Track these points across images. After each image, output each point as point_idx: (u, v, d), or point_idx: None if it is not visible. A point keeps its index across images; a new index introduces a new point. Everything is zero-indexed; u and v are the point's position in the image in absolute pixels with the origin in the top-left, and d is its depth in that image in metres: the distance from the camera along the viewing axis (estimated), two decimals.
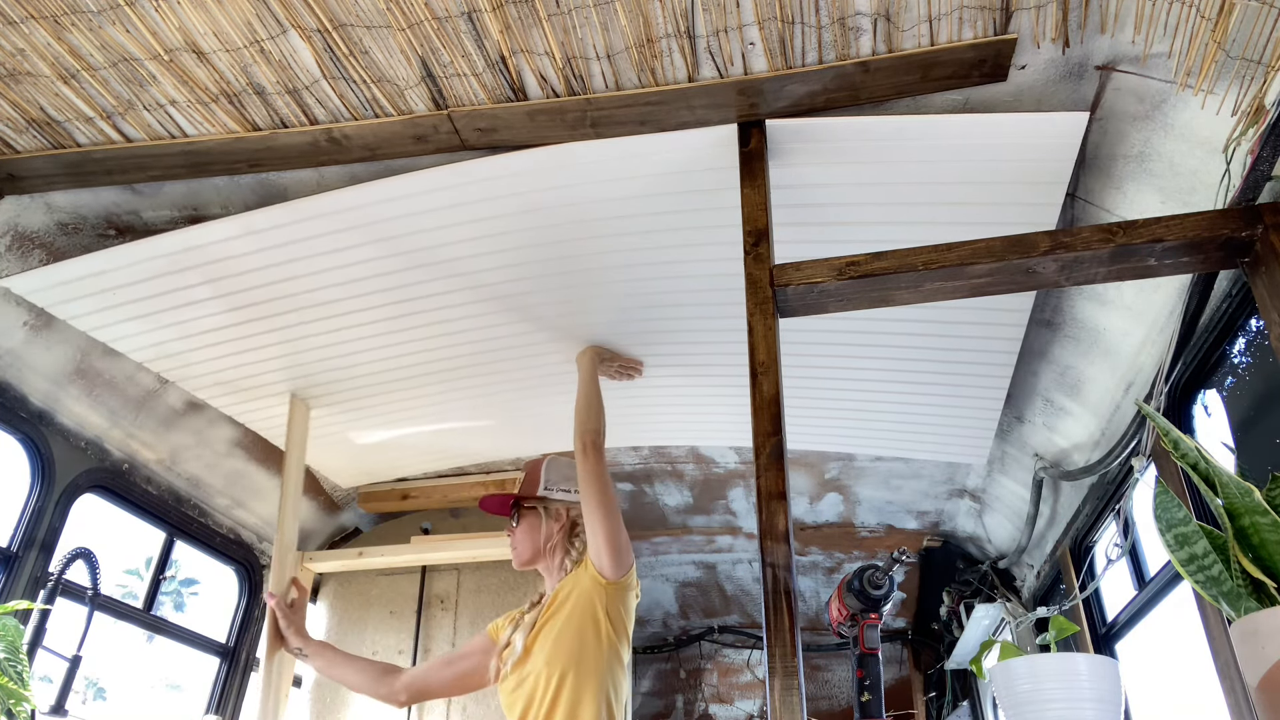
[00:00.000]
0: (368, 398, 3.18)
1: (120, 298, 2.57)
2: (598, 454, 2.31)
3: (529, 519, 2.35)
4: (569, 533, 2.33)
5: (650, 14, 1.88)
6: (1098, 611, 3.08)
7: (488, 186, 2.30)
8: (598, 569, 2.18)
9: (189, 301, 2.62)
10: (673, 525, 4.53)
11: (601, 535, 2.18)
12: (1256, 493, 1.40)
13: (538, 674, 2.12)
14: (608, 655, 2.15)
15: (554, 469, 2.41)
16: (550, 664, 2.10)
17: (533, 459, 2.48)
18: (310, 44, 1.97)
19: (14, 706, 1.98)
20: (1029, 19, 1.86)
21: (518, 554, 2.35)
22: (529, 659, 2.16)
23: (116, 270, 2.49)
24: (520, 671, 2.17)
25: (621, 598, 2.21)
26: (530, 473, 2.42)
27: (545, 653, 2.13)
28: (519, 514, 2.37)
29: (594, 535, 2.20)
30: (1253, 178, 1.68)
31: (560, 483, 2.38)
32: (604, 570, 2.17)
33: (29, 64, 2.05)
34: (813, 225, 2.35)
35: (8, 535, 2.67)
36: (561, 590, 2.22)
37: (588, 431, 2.35)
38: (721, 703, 5.70)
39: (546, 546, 2.32)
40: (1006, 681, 1.73)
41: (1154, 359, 2.32)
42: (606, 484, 2.25)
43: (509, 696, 2.18)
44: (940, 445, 3.34)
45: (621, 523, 2.22)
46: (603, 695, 2.11)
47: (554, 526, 2.33)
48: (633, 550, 2.26)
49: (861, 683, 2.23)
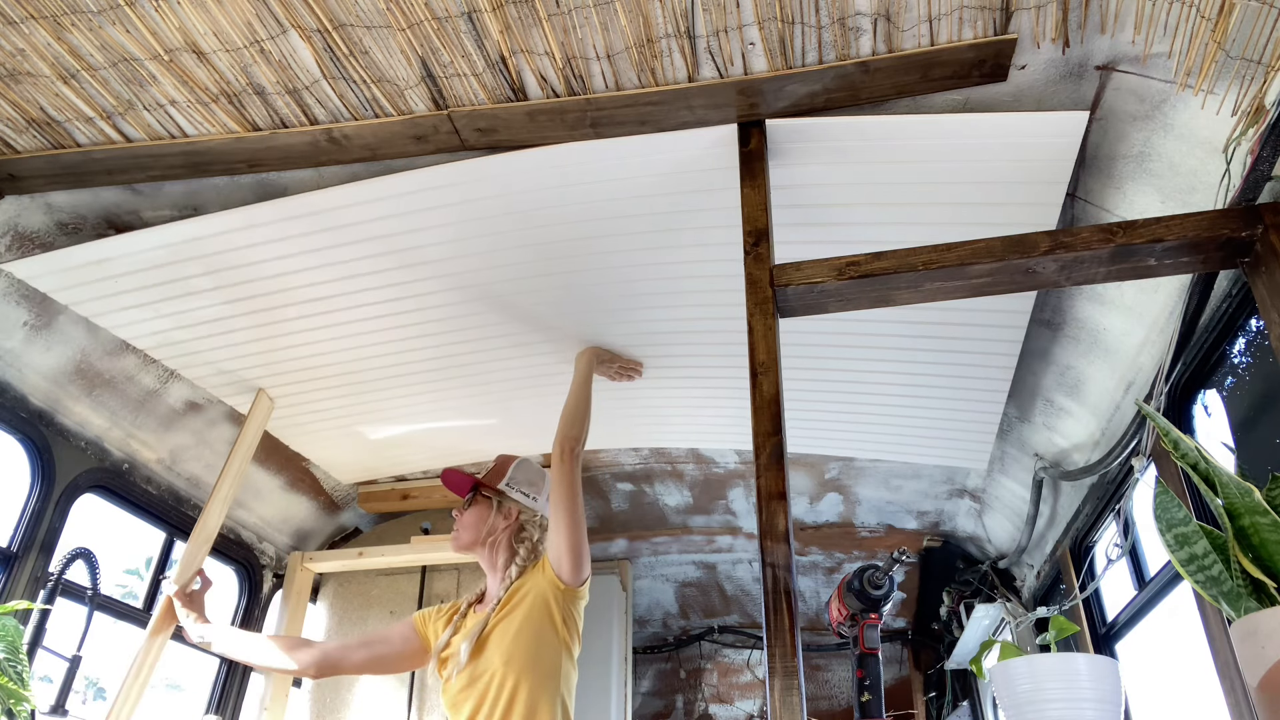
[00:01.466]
0: (367, 394, 3.18)
1: (122, 285, 2.58)
2: (573, 461, 2.33)
3: (481, 506, 2.38)
4: (513, 534, 2.35)
5: (650, 14, 1.88)
6: (1098, 611, 3.08)
7: (487, 186, 2.30)
8: (557, 572, 2.20)
9: (189, 292, 2.63)
10: (673, 525, 4.53)
11: (565, 541, 2.20)
12: (1256, 493, 1.40)
13: (493, 673, 2.11)
14: (563, 658, 2.17)
15: (522, 470, 2.44)
16: (508, 663, 2.10)
17: (507, 454, 2.50)
18: (310, 44, 1.97)
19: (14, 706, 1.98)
20: (1029, 19, 1.86)
21: (459, 536, 2.38)
22: (482, 656, 2.15)
23: (118, 258, 2.50)
24: (472, 669, 2.15)
25: (575, 603, 2.23)
26: (499, 464, 2.45)
27: (503, 651, 2.13)
28: (474, 498, 2.40)
29: (558, 540, 2.21)
30: (1253, 178, 1.68)
31: (523, 484, 2.41)
32: (563, 574, 2.20)
33: (29, 64, 2.05)
34: (813, 225, 2.35)
35: (8, 535, 2.67)
36: (519, 590, 2.22)
37: (568, 439, 2.38)
38: (721, 703, 5.70)
39: (487, 539, 2.35)
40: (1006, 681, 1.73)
41: (1154, 359, 2.32)
42: (576, 491, 2.28)
43: (457, 695, 2.16)
44: (941, 449, 3.34)
45: (585, 533, 2.25)
46: (559, 697, 2.13)
47: (500, 522, 2.36)
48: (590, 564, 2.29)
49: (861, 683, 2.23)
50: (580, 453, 2.38)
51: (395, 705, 3.76)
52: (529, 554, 2.32)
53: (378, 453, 3.64)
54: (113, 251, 2.48)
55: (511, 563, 2.31)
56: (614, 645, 4.34)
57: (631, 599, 4.79)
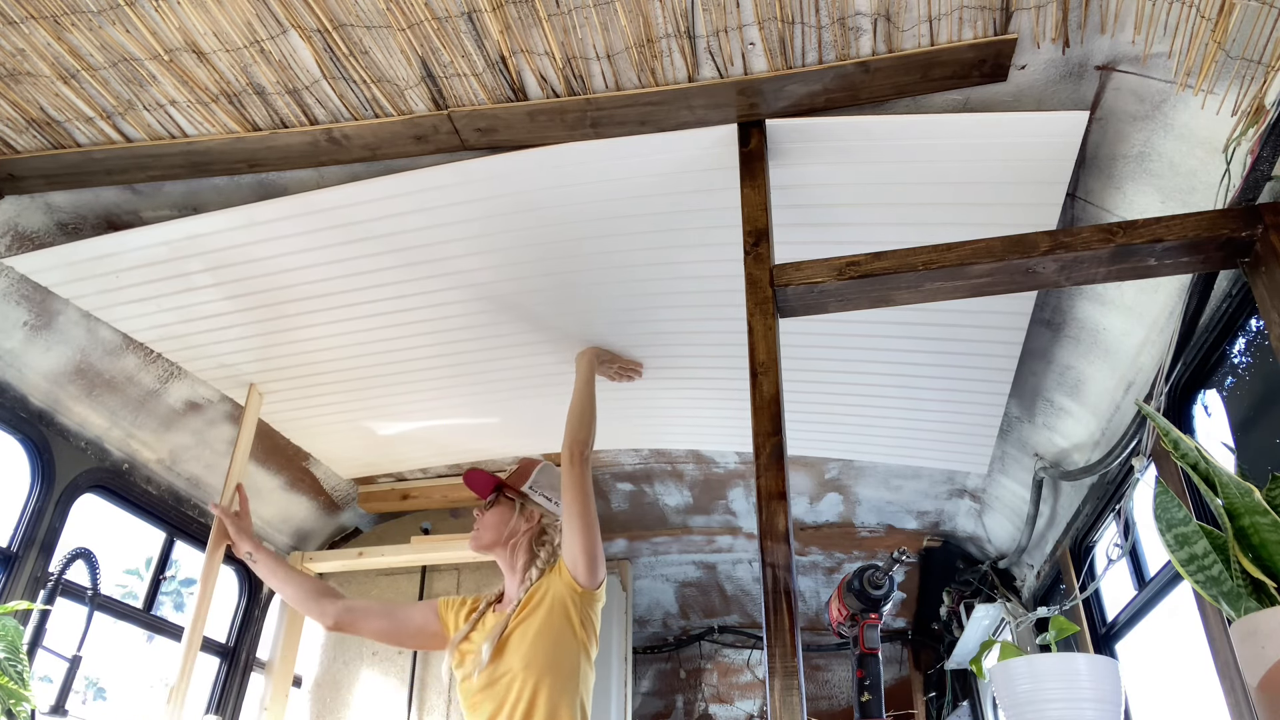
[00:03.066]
0: (368, 391, 3.19)
1: (124, 280, 2.59)
2: (583, 464, 2.33)
3: (503, 507, 2.39)
4: (534, 537, 2.36)
5: (650, 14, 1.88)
6: (1098, 611, 3.08)
7: (487, 186, 2.30)
8: (573, 575, 2.21)
9: (191, 288, 2.64)
10: (673, 525, 4.54)
11: (579, 544, 2.21)
12: (1256, 493, 1.39)
13: (513, 676, 2.12)
14: (581, 660, 2.17)
15: (545, 474, 2.45)
16: (528, 667, 2.11)
17: (530, 457, 2.50)
18: (310, 44, 1.97)
19: (14, 706, 1.98)
20: (1029, 19, 1.85)
21: (479, 536, 2.38)
22: (503, 659, 2.16)
23: (121, 254, 2.50)
24: (493, 671, 2.16)
25: (593, 605, 2.24)
26: (523, 467, 2.46)
27: (522, 654, 2.13)
28: (497, 499, 2.41)
29: (572, 543, 2.22)
30: (1253, 178, 1.68)
31: (545, 489, 2.42)
32: (579, 578, 2.20)
33: (29, 64, 2.05)
34: (813, 225, 2.35)
35: (8, 535, 2.67)
36: (536, 592, 2.23)
37: (576, 442, 2.38)
38: (721, 703, 5.70)
39: (508, 541, 2.35)
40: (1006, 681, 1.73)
41: (1154, 359, 2.32)
42: (588, 495, 2.28)
43: (476, 696, 2.17)
44: (941, 452, 3.34)
45: (599, 535, 2.25)
46: (578, 699, 2.14)
47: (522, 525, 2.36)
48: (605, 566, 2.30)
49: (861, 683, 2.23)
50: (589, 455, 2.38)
51: (395, 705, 3.76)
52: (549, 557, 2.32)
53: (377, 449, 3.64)
54: (115, 247, 2.49)
55: (532, 565, 2.31)
56: (614, 645, 4.34)
57: (631, 599, 4.79)
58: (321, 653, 3.95)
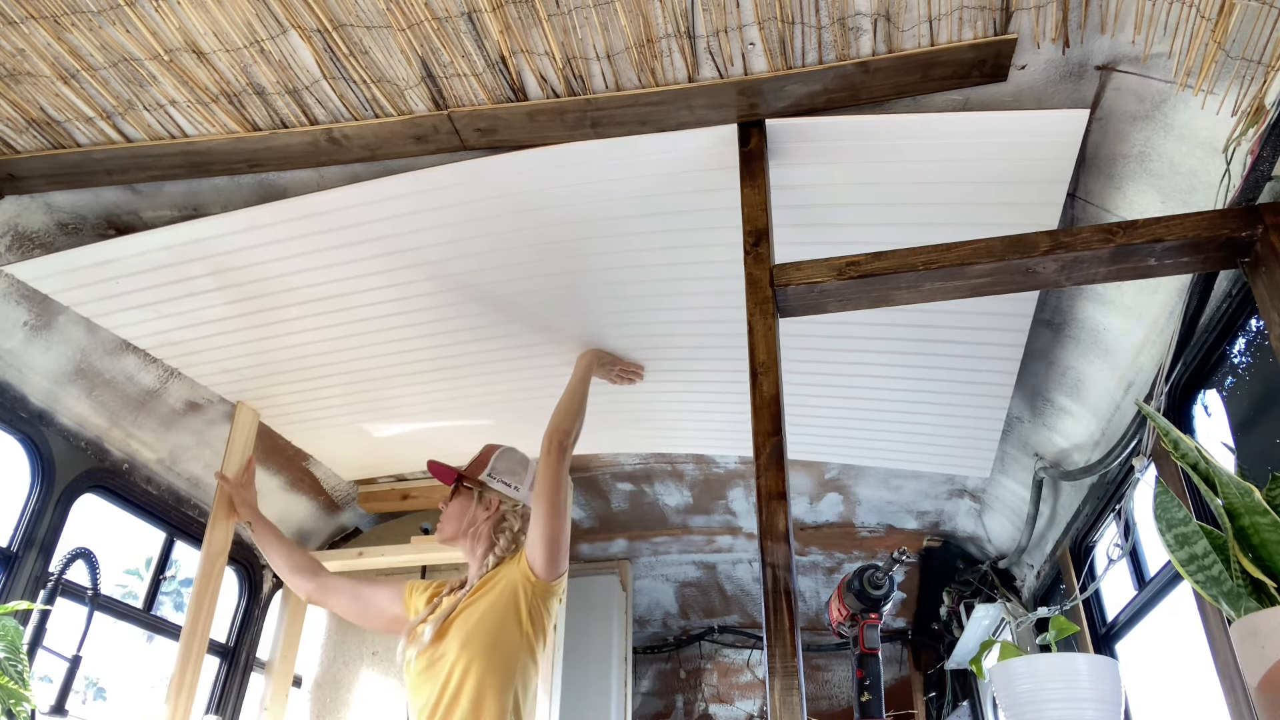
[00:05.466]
0: (369, 392, 3.19)
1: (124, 286, 2.58)
2: (561, 455, 2.32)
3: (463, 497, 2.39)
4: (494, 525, 2.36)
5: (650, 14, 1.88)
6: (1098, 611, 3.07)
7: (487, 186, 2.30)
8: (530, 564, 2.19)
9: (191, 292, 2.64)
10: (673, 525, 4.54)
11: (542, 533, 2.19)
12: (1256, 493, 1.40)
13: (450, 658, 2.11)
14: (522, 651, 2.15)
15: (504, 459, 2.44)
16: (464, 648, 2.10)
17: (492, 443, 2.50)
18: (310, 44, 1.97)
19: (14, 706, 1.98)
20: (1029, 19, 1.86)
21: (442, 529, 2.40)
22: (444, 639, 2.16)
23: (120, 260, 2.50)
24: (432, 653, 2.16)
25: (546, 599, 2.21)
26: (482, 455, 2.46)
27: (461, 636, 2.13)
28: (457, 489, 2.41)
29: (536, 532, 2.20)
30: (1253, 178, 1.68)
31: (504, 474, 2.41)
32: (536, 567, 2.18)
33: (29, 64, 2.05)
34: (813, 225, 2.35)
35: (8, 535, 2.67)
36: (492, 578, 2.23)
37: (559, 431, 2.37)
38: (721, 703, 5.70)
39: (469, 530, 2.35)
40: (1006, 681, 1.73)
41: (1154, 359, 2.32)
42: (561, 485, 2.27)
43: (418, 677, 2.17)
44: (942, 457, 3.33)
45: (566, 528, 2.24)
46: (511, 690, 2.10)
47: (481, 514, 2.36)
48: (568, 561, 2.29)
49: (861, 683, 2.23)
50: (570, 446, 2.36)
51: (395, 705, 3.76)
52: (509, 544, 2.32)
53: (378, 450, 3.64)
54: (115, 253, 2.48)
55: (490, 552, 2.31)
56: (614, 645, 4.34)
57: (631, 599, 4.79)
58: (321, 653, 3.95)
